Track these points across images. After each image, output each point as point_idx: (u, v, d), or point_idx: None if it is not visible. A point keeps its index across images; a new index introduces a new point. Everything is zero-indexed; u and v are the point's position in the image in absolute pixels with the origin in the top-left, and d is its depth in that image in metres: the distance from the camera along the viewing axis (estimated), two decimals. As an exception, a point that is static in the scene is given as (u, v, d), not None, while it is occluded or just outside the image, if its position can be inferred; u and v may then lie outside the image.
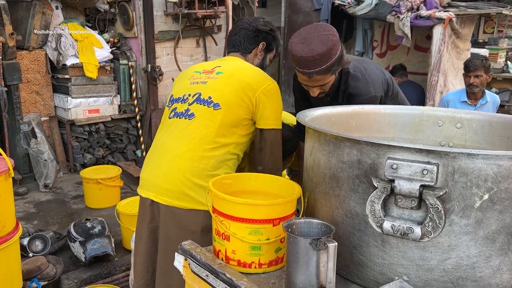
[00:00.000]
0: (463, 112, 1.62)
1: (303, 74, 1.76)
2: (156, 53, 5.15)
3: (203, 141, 1.74)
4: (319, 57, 1.67)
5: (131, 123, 5.27)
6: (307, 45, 1.70)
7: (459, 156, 0.97)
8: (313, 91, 1.86)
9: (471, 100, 3.43)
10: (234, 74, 1.82)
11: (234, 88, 1.78)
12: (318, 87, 1.84)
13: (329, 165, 1.16)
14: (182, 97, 1.85)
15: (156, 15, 5.02)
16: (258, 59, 2.00)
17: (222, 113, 1.75)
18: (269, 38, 2.00)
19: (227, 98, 1.77)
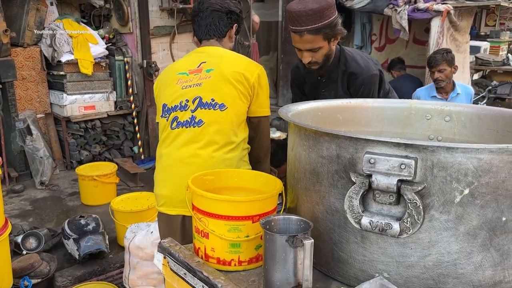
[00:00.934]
0: (452, 105, 1.59)
1: (295, 32, 1.79)
2: (152, 48, 5.13)
3: (221, 145, 1.71)
4: (311, 13, 1.71)
5: (128, 120, 5.25)
6: (302, 3, 1.75)
7: (438, 150, 0.94)
8: (304, 57, 1.87)
9: (441, 94, 3.39)
10: (225, 68, 1.77)
11: (231, 83, 1.75)
12: (310, 53, 1.85)
13: (309, 160, 1.14)
14: (180, 105, 1.76)
15: (152, 10, 4.98)
16: (232, 42, 1.94)
17: (230, 112, 1.72)
18: (239, 20, 1.95)
19: (229, 96, 1.74)
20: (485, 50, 9.42)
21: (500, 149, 0.94)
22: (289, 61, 6.09)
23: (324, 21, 1.75)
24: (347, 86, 2.03)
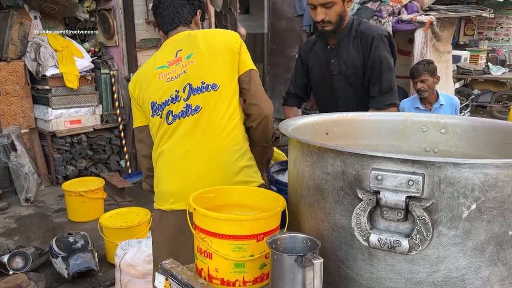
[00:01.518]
0: (447, 118, 1.60)
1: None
2: (138, 61, 5.09)
3: (223, 125, 1.70)
4: None
5: (114, 133, 5.19)
6: None
7: (445, 166, 0.94)
8: (318, 13, 1.91)
9: (424, 105, 3.43)
10: (204, 46, 1.73)
11: (216, 58, 1.72)
12: (323, 9, 1.91)
13: (313, 176, 1.13)
14: (171, 97, 1.70)
15: (138, 23, 4.96)
16: (198, 28, 1.88)
17: (223, 90, 1.71)
18: (202, 6, 1.90)
19: (218, 73, 1.71)
20: (465, 59, 9.64)
21: (506, 164, 0.94)
22: (276, 72, 6.12)
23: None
24: (360, 47, 2.09)
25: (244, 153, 1.76)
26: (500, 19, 13.43)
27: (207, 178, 1.66)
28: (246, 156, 1.77)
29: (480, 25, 13.58)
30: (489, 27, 13.83)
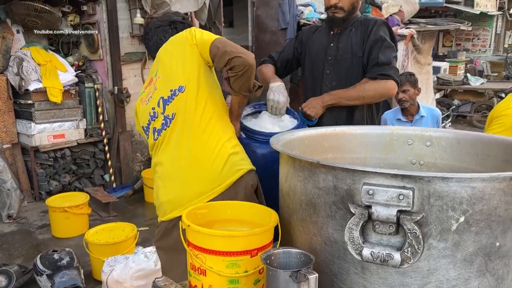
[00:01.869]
0: (432, 131, 1.65)
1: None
2: (123, 74, 5.08)
3: (198, 121, 1.72)
4: None
5: (98, 147, 5.14)
6: None
7: (433, 180, 0.97)
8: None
9: (406, 116, 3.50)
10: (165, 56, 1.82)
11: (176, 61, 1.77)
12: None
13: (305, 191, 1.14)
14: (150, 116, 1.81)
15: (122, 37, 4.96)
16: None
17: (189, 87, 1.73)
18: (185, 26, 1.93)
19: (181, 74, 1.75)
20: (445, 70, 9.87)
21: (491, 178, 0.98)
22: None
23: None
24: (360, 33, 2.13)
25: (228, 141, 1.77)
26: (477, 31, 13.83)
27: (195, 181, 1.73)
28: (230, 143, 1.78)
29: (458, 37, 13.96)
30: (466, 39, 14.23)
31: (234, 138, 1.83)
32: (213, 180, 1.72)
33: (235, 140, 1.84)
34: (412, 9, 5.25)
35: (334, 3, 2.00)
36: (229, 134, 1.80)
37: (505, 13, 14.15)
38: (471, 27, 10.73)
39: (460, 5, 12.13)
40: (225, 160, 1.74)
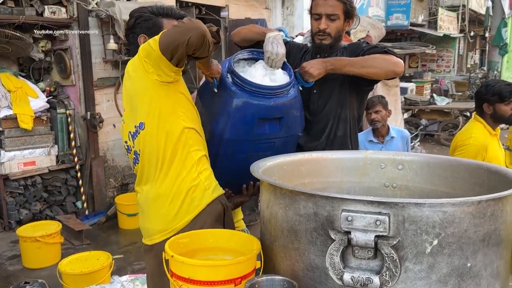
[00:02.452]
0: (403, 155, 1.73)
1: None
2: (96, 100, 5.04)
3: (160, 159, 1.67)
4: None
5: (70, 174, 5.04)
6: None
7: (407, 206, 1.03)
8: (322, 23, 1.99)
9: (377, 138, 3.62)
10: (125, 86, 1.73)
11: (135, 93, 1.65)
12: (327, 20, 1.98)
13: (287, 218, 1.18)
14: (126, 149, 1.81)
15: (95, 62, 4.94)
16: None
17: (150, 123, 1.64)
18: (143, 28, 1.71)
19: (140, 109, 1.64)
20: (411, 90, 10.22)
21: (460, 202, 1.04)
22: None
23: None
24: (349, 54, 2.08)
25: (188, 174, 1.68)
26: (441, 52, 14.44)
27: (156, 218, 1.73)
28: (191, 176, 1.69)
29: (423, 58, 14.52)
30: (431, 60, 14.81)
31: (199, 163, 1.71)
32: (171, 219, 1.68)
33: (201, 164, 1.72)
34: (379, 34, 5.47)
35: (323, 28, 2.00)
36: (192, 161, 1.70)
37: (466, 35, 14.84)
38: (435, 50, 11.19)
39: (424, 27, 12.67)
40: (183, 198, 1.68)
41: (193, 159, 1.70)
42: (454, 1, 14.03)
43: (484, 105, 2.58)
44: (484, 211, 1.06)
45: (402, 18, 10.57)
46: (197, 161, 1.70)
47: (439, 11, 12.73)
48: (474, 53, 19.13)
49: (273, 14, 6.94)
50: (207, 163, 1.77)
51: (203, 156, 1.74)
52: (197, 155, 1.71)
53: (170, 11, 1.73)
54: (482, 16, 13.71)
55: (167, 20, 1.71)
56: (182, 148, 1.67)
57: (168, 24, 1.69)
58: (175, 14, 1.73)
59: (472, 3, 14.78)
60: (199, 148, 1.73)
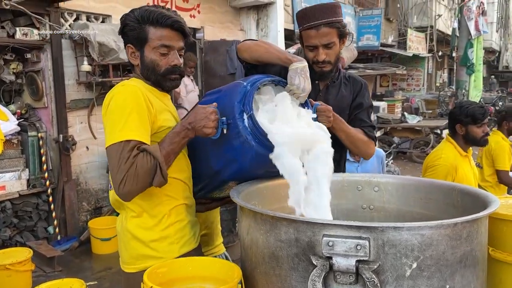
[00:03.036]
0: (379, 177, 1.76)
1: (311, 28, 1.85)
2: (69, 122, 4.95)
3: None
4: (326, 8, 1.85)
5: (42, 198, 4.90)
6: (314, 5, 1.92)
7: (386, 230, 1.05)
8: (320, 54, 1.89)
9: (353, 156, 3.65)
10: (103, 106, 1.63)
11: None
12: (325, 49, 1.89)
13: (268, 244, 1.18)
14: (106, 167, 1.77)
15: (68, 84, 4.87)
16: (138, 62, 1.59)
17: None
18: (130, 36, 1.57)
19: None
20: (383, 109, 10.46)
21: (437, 225, 1.07)
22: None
23: (338, 16, 1.87)
24: (350, 90, 2.09)
25: (157, 224, 1.55)
26: (411, 72, 14.89)
27: (123, 247, 1.64)
28: (158, 228, 1.55)
29: (394, 77, 14.92)
30: (401, 79, 15.24)
31: (171, 214, 1.57)
32: (133, 257, 1.58)
33: (174, 215, 1.58)
34: (351, 55, 5.61)
35: (323, 59, 1.91)
36: (164, 211, 1.56)
37: (435, 55, 15.37)
38: (405, 70, 11.51)
39: (394, 48, 13.06)
40: (146, 245, 1.55)
41: (165, 208, 1.56)
42: (422, 22, 14.56)
43: (457, 126, 2.65)
44: (460, 233, 1.09)
45: (373, 39, 10.88)
46: (170, 212, 1.56)
47: (408, 32, 13.17)
48: (443, 72, 19.81)
49: (248, 35, 7.03)
50: (184, 213, 1.62)
51: (181, 205, 1.60)
52: (172, 205, 1.57)
53: (160, 18, 1.52)
54: (449, 36, 14.26)
55: (155, 29, 1.52)
56: (156, 195, 1.54)
57: (155, 33, 1.51)
58: (164, 22, 1.52)
59: (440, 24, 15.38)
60: (178, 197, 1.59)
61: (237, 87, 1.52)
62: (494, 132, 3.83)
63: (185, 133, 1.46)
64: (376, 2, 12.30)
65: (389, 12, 12.98)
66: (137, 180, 1.37)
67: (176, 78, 1.59)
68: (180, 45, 1.57)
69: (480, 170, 3.69)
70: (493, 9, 20.44)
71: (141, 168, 1.37)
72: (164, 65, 1.54)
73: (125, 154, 1.36)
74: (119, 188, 1.38)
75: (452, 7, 17.22)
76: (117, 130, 1.40)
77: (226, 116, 1.45)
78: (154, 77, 1.56)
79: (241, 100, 1.46)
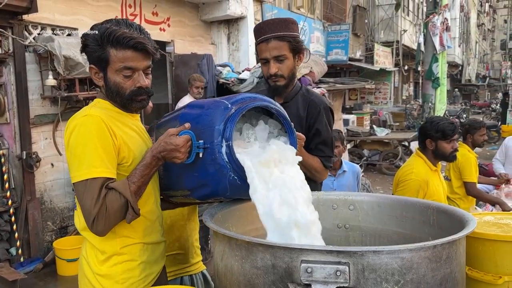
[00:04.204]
0: (354, 195, 1.74)
1: (262, 42, 1.91)
2: (33, 138, 4.76)
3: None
4: (277, 21, 1.91)
5: (4, 218, 4.66)
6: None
7: (366, 254, 1.02)
8: (271, 67, 1.92)
9: (330, 171, 3.67)
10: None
11: None
12: (276, 63, 1.91)
13: (243, 271, 1.13)
14: None
15: (32, 99, 4.69)
16: (102, 83, 1.49)
17: None
18: (91, 57, 1.46)
19: None
20: (353, 122, 10.62)
21: (417, 247, 1.04)
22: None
23: (289, 31, 1.90)
24: (306, 113, 2.05)
25: (105, 261, 1.47)
26: (378, 85, 15.24)
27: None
28: (107, 263, 1.47)
29: (362, 91, 15.24)
30: (369, 92, 15.58)
31: (121, 254, 1.48)
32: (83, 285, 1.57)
33: (125, 255, 1.48)
34: (321, 70, 5.67)
35: (274, 72, 1.93)
36: (116, 247, 1.47)
37: (401, 69, 15.81)
38: (374, 85, 11.76)
39: (362, 62, 13.36)
40: (90, 279, 1.51)
41: (116, 246, 1.46)
42: (388, 37, 14.98)
43: (427, 141, 2.68)
44: (440, 254, 1.07)
45: (341, 53, 11.09)
46: (121, 250, 1.46)
47: (375, 47, 13.51)
48: (409, 86, 20.40)
49: (219, 49, 7.02)
50: (137, 253, 1.50)
51: (137, 244, 1.49)
52: (125, 243, 1.47)
53: (121, 39, 1.40)
54: (414, 51, 14.71)
55: (117, 50, 1.41)
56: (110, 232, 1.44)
57: (117, 55, 1.40)
58: (126, 43, 1.40)
59: (405, 39, 15.86)
60: (134, 236, 1.49)
61: (220, 107, 1.40)
62: (460, 145, 3.91)
63: (156, 162, 1.41)
64: (344, 17, 12.58)
65: (357, 28, 13.31)
66: (109, 220, 1.35)
67: (143, 99, 1.50)
68: (146, 65, 1.46)
69: (449, 182, 3.75)
70: (455, 24, 21.27)
71: (111, 208, 1.34)
72: (128, 88, 1.45)
73: (93, 193, 1.33)
74: (92, 227, 1.35)
75: (416, 22, 17.83)
76: (83, 167, 1.34)
77: (204, 138, 1.37)
78: (119, 100, 1.48)
79: (222, 124, 1.36)
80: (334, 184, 3.48)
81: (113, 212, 1.34)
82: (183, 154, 1.36)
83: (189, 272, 2.16)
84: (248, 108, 1.41)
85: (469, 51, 28.74)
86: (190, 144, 1.37)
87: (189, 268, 2.16)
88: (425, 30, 9.35)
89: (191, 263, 2.16)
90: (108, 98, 1.50)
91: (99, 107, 1.48)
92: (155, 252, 1.56)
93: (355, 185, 3.62)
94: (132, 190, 1.36)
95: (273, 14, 8.23)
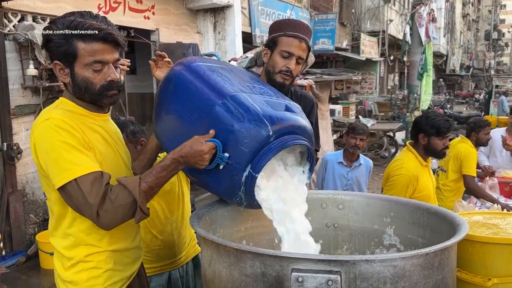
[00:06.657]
0: (343, 194, 1.72)
1: (296, 38, 1.92)
2: (13, 129, 4.64)
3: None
4: (307, 27, 1.97)
5: (-16, 211, 4.57)
6: None
7: (358, 262, 1.00)
8: (292, 63, 1.95)
9: (347, 161, 3.66)
10: None
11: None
12: (297, 60, 1.95)
13: (232, 278, 1.10)
14: None
15: (12, 89, 4.56)
16: (68, 80, 1.40)
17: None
18: (56, 52, 1.36)
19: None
20: (339, 112, 10.64)
21: (409, 255, 1.03)
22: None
23: (309, 40, 1.97)
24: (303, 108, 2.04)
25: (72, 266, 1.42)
26: (364, 75, 15.26)
27: None
28: (71, 270, 1.42)
29: (348, 81, 15.26)
30: (355, 82, 15.60)
31: (87, 261, 1.42)
32: None
33: (93, 262, 1.42)
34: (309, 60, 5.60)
35: (292, 69, 1.93)
36: (82, 254, 1.41)
37: (386, 59, 15.84)
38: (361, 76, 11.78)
39: (348, 52, 13.33)
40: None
41: (82, 253, 1.41)
42: (374, 27, 14.96)
43: (420, 135, 2.68)
44: (432, 261, 1.06)
45: (328, 43, 11.04)
46: (85, 258, 1.41)
47: (361, 37, 13.49)
48: (394, 76, 20.48)
49: (205, 38, 6.91)
50: (104, 260, 1.43)
51: (103, 252, 1.43)
52: (91, 251, 1.41)
53: (90, 31, 1.32)
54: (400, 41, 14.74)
55: (85, 43, 1.32)
56: (72, 238, 1.40)
57: (86, 49, 1.32)
58: (95, 36, 1.32)
59: (391, 29, 15.87)
60: (100, 244, 1.42)
61: (260, 131, 1.27)
62: (463, 140, 3.93)
63: (175, 165, 1.33)
64: (330, 6, 12.51)
65: (343, 17, 13.25)
66: (115, 214, 1.28)
67: (114, 94, 1.42)
68: (115, 57, 1.38)
69: (443, 173, 3.77)
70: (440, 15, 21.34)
71: (116, 201, 1.27)
72: (99, 82, 1.36)
73: (87, 188, 1.26)
74: (97, 221, 1.28)
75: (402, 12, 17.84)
76: (65, 169, 1.28)
77: (230, 153, 1.29)
78: (89, 96, 1.39)
79: (256, 153, 1.28)
80: (349, 174, 3.52)
81: (118, 206, 1.26)
82: (206, 161, 1.30)
83: (177, 265, 2.13)
84: (292, 145, 1.33)
85: (454, 41, 28.97)
86: (214, 152, 1.30)
87: (177, 262, 2.13)
88: (412, 22, 9.33)
89: (177, 257, 2.13)
90: (75, 96, 1.41)
91: (62, 108, 1.39)
92: (124, 259, 1.49)
93: (367, 178, 3.65)
94: (142, 189, 1.29)
95: (260, 2, 8.13)
